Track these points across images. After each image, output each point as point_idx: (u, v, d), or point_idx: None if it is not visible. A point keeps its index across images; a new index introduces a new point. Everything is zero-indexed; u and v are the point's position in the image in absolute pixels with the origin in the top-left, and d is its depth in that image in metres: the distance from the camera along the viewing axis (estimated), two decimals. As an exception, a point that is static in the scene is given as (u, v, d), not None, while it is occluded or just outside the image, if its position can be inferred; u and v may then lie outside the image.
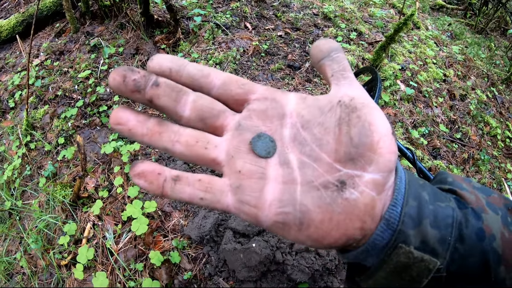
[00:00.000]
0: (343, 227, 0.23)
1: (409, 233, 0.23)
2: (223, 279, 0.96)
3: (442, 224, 0.24)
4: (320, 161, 0.25)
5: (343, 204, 0.23)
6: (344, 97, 0.26)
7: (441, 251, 0.23)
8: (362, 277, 0.26)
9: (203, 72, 0.27)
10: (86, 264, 1.03)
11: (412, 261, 0.23)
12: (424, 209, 0.24)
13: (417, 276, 0.23)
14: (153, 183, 0.24)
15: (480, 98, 1.76)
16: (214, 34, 1.43)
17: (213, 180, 0.25)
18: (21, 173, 1.39)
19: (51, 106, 1.45)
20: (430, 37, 1.94)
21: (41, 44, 1.80)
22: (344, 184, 0.24)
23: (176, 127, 0.26)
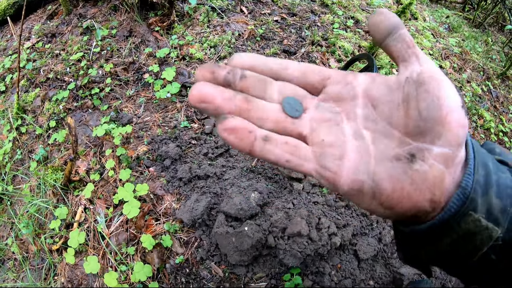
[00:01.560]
0: (414, 197, 0.24)
1: (478, 201, 0.24)
2: (215, 263, 0.96)
3: (504, 194, 0.24)
4: (392, 136, 0.26)
5: (414, 175, 0.24)
6: (412, 73, 0.26)
7: (502, 221, 0.24)
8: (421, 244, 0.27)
9: (282, 65, 0.29)
10: (78, 248, 1.03)
11: (479, 229, 0.24)
12: (490, 178, 0.25)
13: (479, 243, 0.24)
14: (243, 140, 0.25)
15: (475, 91, 1.76)
16: (209, 17, 1.40)
17: (299, 143, 0.27)
18: (12, 158, 1.36)
19: (42, 89, 1.42)
20: (428, 29, 1.93)
21: (32, 27, 1.76)
22: (414, 157, 0.24)
23: (262, 104, 0.27)
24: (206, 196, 1.01)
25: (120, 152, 1.10)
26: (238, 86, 0.27)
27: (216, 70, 0.26)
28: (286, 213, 0.97)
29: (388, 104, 0.27)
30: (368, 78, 0.29)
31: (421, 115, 0.24)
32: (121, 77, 1.28)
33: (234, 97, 0.26)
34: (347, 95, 0.28)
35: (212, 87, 0.26)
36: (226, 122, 0.25)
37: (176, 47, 1.31)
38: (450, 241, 0.25)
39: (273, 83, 0.28)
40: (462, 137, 0.24)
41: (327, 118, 0.28)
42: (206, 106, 0.25)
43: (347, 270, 0.99)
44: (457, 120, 0.24)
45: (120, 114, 1.20)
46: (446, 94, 0.24)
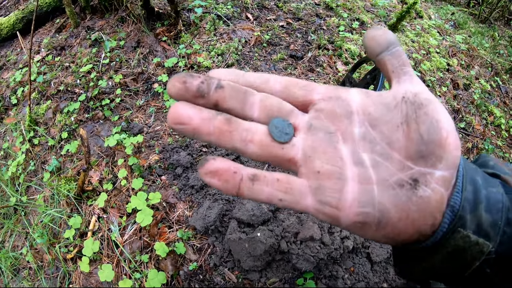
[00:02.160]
0: (417, 224, 0.24)
1: (467, 218, 0.24)
2: (228, 269, 0.96)
3: (494, 209, 0.24)
4: (392, 159, 0.25)
5: (418, 202, 0.23)
6: (407, 93, 0.26)
7: (493, 235, 0.24)
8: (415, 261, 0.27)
9: (262, 78, 0.27)
10: (92, 257, 1.04)
11: (468, 244, 0.24)
12: (479, 194, 0.25)
13: (470, 259, 0.24)
14: (228, 182, 0.23)
15: (484, 88, 1.74)
16: (215, 25, 1.42)
17: (291, 179, 0.25)
18: (25, 169, 1.39)
19: (53, 101, 1.45)
20: (433, 26, 1.92)
21: (41, 40, 1.80)
22: (417, 182, 0.24)
23: (247, 124, 0.25)
24: (218, 203, 1.01)
25: (132, 161, 1.11)
26: (213, 97, 0.24)
27: (188, 80, 0.24)
28: (298, 218, 0.97)
29: (387, 125, 0.25)
30: (362, 94, 0.27)
31: (423, 139, 0.24)
32: (130, 88, 1.30)
33: (214, 118, 0.24)
34: (342, 111, 0.26)
35: (190, 107, 0.24)
36: (207, 164, 0.23)
37: (183, 56, 1.33)
38: (441, 257, 0.25)
39: (254, 94, 0.26)
40: (459, 158, 0.25)
41: (322, 140, 0.26)
42: (183, 128, 0.23)
43: (360, 273, 0.98)
44: (455, 142, 0.24)
45: (131, 124, 1.22)
46: (444, 116, 0.24)
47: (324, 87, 0.27)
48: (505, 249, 0.24)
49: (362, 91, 0.27)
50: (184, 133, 0.24)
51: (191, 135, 0.24)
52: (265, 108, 0.25)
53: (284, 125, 0.25)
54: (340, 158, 0.25)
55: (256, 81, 0.27)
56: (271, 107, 0.26)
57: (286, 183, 0.24)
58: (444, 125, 0.24)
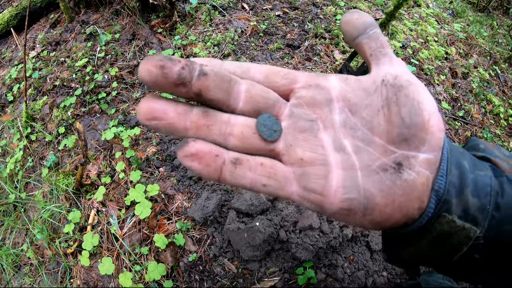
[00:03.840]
0: (405, 208, 0.23)
1: (452, 202, 0.23)
2: (228, 260, 0.96)
3: (482, 193, 0.24)
4: (374, 144, 0.24)
5: (403, 186, 0.23)
6: (387, 75, 0.25)
7: (480, 220, 0.24)
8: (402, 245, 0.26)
9: (242, 67, 0.26)
10: (92, 250, 1.04)
11: (454, 229, 0.23)
12: (465, 178, 0.24)
13: (457, 244, 0.24)
14: (209, 165, 0.22)
15: (482, 76, 1.73)
16: (211, 15, 1.41)
17: (276, 165, 0.24)
18: (23, 165, 1.39)
19: (49, 96, 1.44)
20: (431, 15, 1.90)
21: (36, 36, 1.78)
22: (401, 166, 0.23)
23: (226, 116, 0.24)
24: (217, 193, 1.01)
25: (130, 154, 1.11)
26: (196, 85, 0.22)
27: (167, 64, 0.21)
28: (297, 207, 0.97)
29: (367, 109, 0.25)
30: (341, 80, 0.27)
31: (404, 122, 0.23)
32: (127, 80, 1.30)
33: (189, 111, 0.22)
34: (322, 99, 0.26)
35: (164, 101, 0.22)
36: (186, 147, 0.22)
37: (179, 47, 1.31)
38: (427, 242, 0.24)
39: (240, 82, 0.24)
40: (441, 140, 0.24)
41: (303, 128, 0.25)
42: (157, 124, 0.22)
43: (360, 262, 0.98)
44: (438, 124, 0.24)
45: (128, 117, 1.21)
46: (425, 97, 0.24)
47: (305, 75, 0.27)
48: (494, 234, 0.24)
49: (342, 78, 0.27)
50: (158, 129, 0.22)
51: (166, 131, 0.22)
52: (250, 98, 0.24)
53: (272, 122, 0.24)
54: (321, 146, 0.25)
55: (237, 71, 0.25)
56: (257, 98, 0.24)
57: (270, 168, 0.24)
58: (426, 106, 0.23)
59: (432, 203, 0.24)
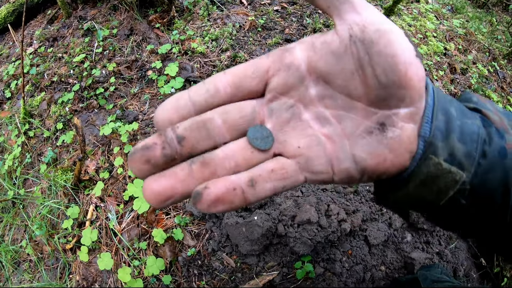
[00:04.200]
0: (397, 162, 0.24)
1: (438, 145, 0.24)
2: (226, 254, 0.96)
3: (468, 139, 0.24)
4: (355, 109, 0.25)
5: (390, 143, 0.24)
6: (353, 27, 0.24)
7: (467, 165, 0.24)
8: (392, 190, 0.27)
9: (210, 91, 0.25)
10: (91, 246, 1.04)
11: (441, 172, 0.24)
12: (452, 124, 0.25)
13: (444, 187, 0.24)
14: (233, 201, 0.22)
15: (481, 73, 1.73)
16: (209, 10, 1.40)
17: (283, 164, 0.25)
18: (21, 162, 1.38)
19: (47, 92, 1.43)
20: (430, 11, 1.90)
21: (33, 32, 1.78)
22: (384, 125, 0.24)
23: (221, 153, 0.24)
24: (215, 188, 1.01)
25: (128, 149, 1.11)
26: (183, 153, 0.23)
27: (150, 155, 0.22)
28: (295, 201, 0.97)
29: (341, 75, 0.24)
30: (307, 49, 0.25)
31: (381, 83, 0.23)
32: (124, 76, 1.29)
33: (190, 171, 0.23)
34: (294, 80, 0.25)
35: (162, 178, 0.22)
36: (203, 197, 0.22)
37: (177, 42, 1.31)
38: (414, 185, 0.25)
39: (214, 120, 0.24)
40: (423, 89, 0.24)
41: (287, 119, 0.26)
42: (173, 201, 0.22)
43: (358, 256, 0.99)
44: (416, 73, 0.23)
45: (126, 112, 1.21)
46: (399, 47, 0.23)
47: (271, 60, 0.26)
48: (480, 181, 0.24)
49: (307, 44, 0.25)
50: (174, 203, 0.23)
51: (181, 199, 0.23)
52: (231, 127, 0.25)
53: (260, 131, 0.25)
54: (309, 127, 0.25)
55: (207, 99, 0.25)
56: (235, 122, 0.25)
57: (280, 169, 0.24)
58: (401, 58, 0.23)
59: (420, 148, 0.24)
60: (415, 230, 1.08)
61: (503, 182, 0.24)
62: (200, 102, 0.25)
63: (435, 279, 0.88)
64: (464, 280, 1.09)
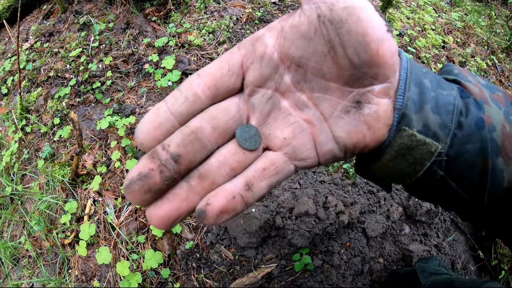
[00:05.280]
0: (376, 137, 0.25)
1: (412, 117, 0.24)
2: (224, 247, 0.97)
3: (443, 111, 0.24)
4: (330, 89, 0.25)
5: (367, 120, 0.24)
6: (321, 6, 0.23)
7: (442, 136, 0.24)
8: (370, 160, 0.27)
9: (189, 98, 0.24)
10: (89, 240, 1.04)
11: (416, 143, 0.24)
12: (425, 95, 0.25)
13: (420, 158, 0.24)
14: (236, 209, 0.23)
15: (479, 66, 1.73)
16: (205, 3, 1.39)
17: (272, 158, 0.25)
18: (19, 158, 1.38)
19: (44, 88, 1.43)
20: (429, 3, 1.89)
21: (29, 28, 1.76)
22: (360, 103, 0.24)
23: (215, 162, 0.24)
24: (212, 181, 1.01)
25: (125, 143, 1.10)
26: (182, 170, 0.23)
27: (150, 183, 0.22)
28: (293, 193, 0.97)
29: (313, 58, 0.24)
30: (277, 36, 0.25)
31: (353, 63, 0.23)
32: (121, 69, 1.28)
33: (190, 188, 0.23)
34: (268, 70, 0.25)
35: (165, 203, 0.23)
36: (208, 213, 0.22)
37: (174, 35, 1.30)
38: (389, 157, 0.25)
39: (203, 128, 0.24)
40: (396, 64, 0.24)
41: (268, 111, 0.26)
42: (181, 220, 0.23)
43: (356, 248, 0.99)
44: (388, 49, 0.23)
45: (123, 105, 1.20)
46: (370, 25, 0.22)
47: (242, 52, 0.25)
48: (457, 152, 0.24)
49: (276, 30, 0.25)
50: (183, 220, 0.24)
51: (189, 215, 0.24)
52: (222, 131, 0.25)
53: (247, 131, 0.25)
54: (290, 115, 0.26)
55: (188, 107, 0.24)
56: (224, 127, 0.25)
57: (271, 165, 0.25)
58: (372, 37, 0.22)
59: (395, 120, 0.24)
60: (413, 222, 1.09)
61: (480, 153, 0.24)
62: (181, 112, 0.24)
63: (433, 271, 0.88)
64: (461, 273, 1.09)
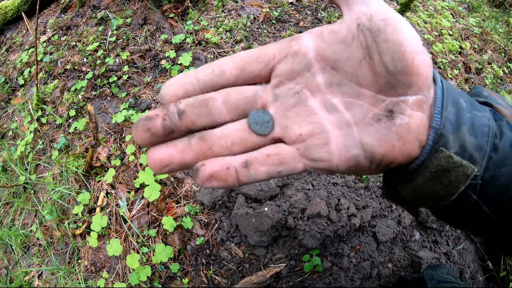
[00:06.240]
0: (406, 150, 0.24)
1: (449, 138, 0.23)
2: (235, 244, 0.97)
3: (479, 132, 0.24)
4: (363, 95, 0.25)
5: (398, 131, 0.24)
6: (361, 18, 0.24)
7: (478, 158, 0.23)
8: (401, 182, 0.26)
9: (215, 71, 0.26)
10: (100, 232, 1.05)
11: (452, 165, 0.23)
12: (462, 115, 0.24)
13: (455, 181, 0.23)
14: (227, 180, 0.24)
15: (496, 73, 1.70)
16: (223, 1, 1.40)
17: (281, 149, 0.25)
18: (33, 148, 1.40)
19: (60, 80, 1.45)
20: (447, 8, 1.86)
21: (47, 21, 1.79)
22: (392, 112, 0.24)
23: (219, 131, 0.25)
24: (225, 178, 1.02)
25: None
26: (182, 126, 0.24)
27: (151, 125, 0.23)
28: (306, 194, 0.97)
29: (349, 62, 0.24)
30: (315, 37, 0.26)
31: (389, 70, 0.23)
32: (138, 65, 1.30)
33: (189, 144, 0.24)
34: (301, 67, 0.26)
35: (164, 147, 0.24)
36: (200, 173, 0.23)
37: (191, 32, 1.31)
38: (424, 179, 0.24)
39: (215, 99, 0.25)
40: (430, 77, 0.24)
41: (292, 104, 0.26)
42: (170, 169, 0.24)
43: (366, 252, 0.98)
44: (423, 61, 0.23)
45: (139, 100, 1.21)
46: (406, 36, 0.23)
47: (277, 47, 0.26)
48: (491, 175, 0.24)
49: (316, 34, 0.26)
50: (171, 171, 0.24)
51: (180, 169, 0.24)
52: (231, 107, 0.25)
53: (260, 116, 0.25)
54: (314, 114, 0.25)
55: (212, 78, 0.26)
56: (236, 103, 0.25)
57: (277, 155, 0.25)
58: (408, 47, 0.23)
59: (430, 140, 0.24)
60: (424, 229, 1.08)
61: None
62: (205, 81, 0.25)
63: (441, 279, 0.87)
64: (470, 282, 1.08)
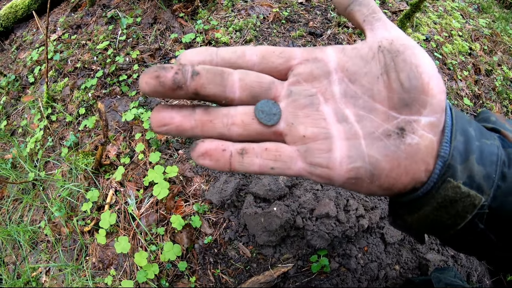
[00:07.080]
0: (411, 172, 0.24)
1: (457, 168, 0.23)
2: (242, 244, 0.97)
3: (488, 161, 0.24)
4: (376, 111, 0.25)
5: (407, 150, 0.23)
6: (382, 41, 0.25)
7: (486, 188, 0.23)
8: (407, 211, 0.26)
9: (237, 52, 0.26)
10: (109, 229, 1.06)
11: (459, 195, 0.23)
12: (471, 145, 0.24)
13: (462, 211, 0.23)
14: (219, 160, 0.24)
15: (506, 75, 1.68)
16: (233, 1, 1.40)
17: (280, 147, 0.25)
18: (43, 145, 1.42)
19: (70, 78, 1.46)
20: (456, 9, 1.85)
21: (57, 20, 1.81)
22: (403, 131, 0.24)
23: (225, 110, 0.25)
24: (235, 177, 1.02)
25: (150, 135, 1.12)
26: (191, 86, 0.24)
27: (161, 73, 0.23)
28: (315, 194, 0.97)
29: (366, 77, 0.25)
30: (338, 51, 0.27)
31: (404, 87, 0.23)
32: (148, 63, 1.31)
33: (193, 112, 0.24)
34: (320, 72, 0.26)
35: (170, 108, 0.24)
36: (197, 148, 0.24)
37: (201, 32, 1.31)
38: (431, 208, 0.24)
39: (232, 73, 0.25)
40: (444, 102, 0.24)
41: (303, 105, 0.26)
42: (168, 129, 0.24)
43: (373, 254, 0.98)
44: (438, 85, 0.23)
45: (148, 99, 1.22)
46: (423, 61, 0.24)
47: (301, 50, 0.27)
48: (499, 204, 0.23)
49: (339, 48, 0.27)
50: (169, 133, 0.24)
51: (176, 133, 0.24)
52: (245, 86, 0.25)
53: (269, 106, 0.25)
54: (323, 119, 0.25)
55: (232, 57, 0.26)
56: (251, 84, 0.25)
57: (275, 151, 0.25)
58: (424, 69, 0.23)
59: (437, 168, 0.24)
60: (433, 230, 1.07)
61: None
62: (224, 57, 0.26)
63: (448, 282, 0.87)
64: (476, 286, 1.07)
